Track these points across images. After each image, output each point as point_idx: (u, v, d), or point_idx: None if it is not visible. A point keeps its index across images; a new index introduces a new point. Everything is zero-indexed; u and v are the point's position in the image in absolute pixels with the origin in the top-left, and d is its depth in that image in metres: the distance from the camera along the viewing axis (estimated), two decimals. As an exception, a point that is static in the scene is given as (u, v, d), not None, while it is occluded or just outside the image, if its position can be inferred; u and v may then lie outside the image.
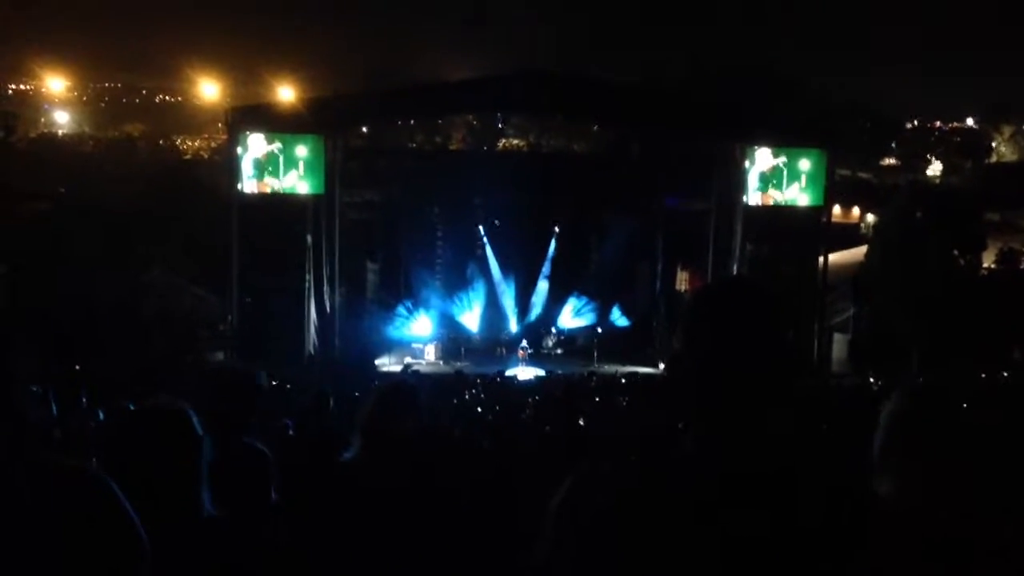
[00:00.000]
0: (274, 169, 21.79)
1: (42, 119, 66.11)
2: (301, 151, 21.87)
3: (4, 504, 1.43)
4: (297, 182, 21.94)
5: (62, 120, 65.72)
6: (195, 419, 2.44)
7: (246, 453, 3.36)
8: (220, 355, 22.63)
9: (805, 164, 22.83)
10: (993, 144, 69.86)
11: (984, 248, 25.45)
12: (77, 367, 16.62)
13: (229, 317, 22.23)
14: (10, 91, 70.63)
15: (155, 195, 25.45)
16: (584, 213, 26.92)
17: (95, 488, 1.55)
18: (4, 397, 1.51)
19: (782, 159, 22.77)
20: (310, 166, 21.90)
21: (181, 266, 24.56)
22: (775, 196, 22.87)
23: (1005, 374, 18.56)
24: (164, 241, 24.06)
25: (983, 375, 17.94)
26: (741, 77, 45.89)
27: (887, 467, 1.75)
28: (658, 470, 1.49)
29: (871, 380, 18.56)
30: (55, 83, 66.24)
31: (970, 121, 76.66)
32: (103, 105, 74.85)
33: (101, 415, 7.86)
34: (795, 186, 22.84)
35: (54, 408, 6.43)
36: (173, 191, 26.12)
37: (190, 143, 61.82)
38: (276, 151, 21.79)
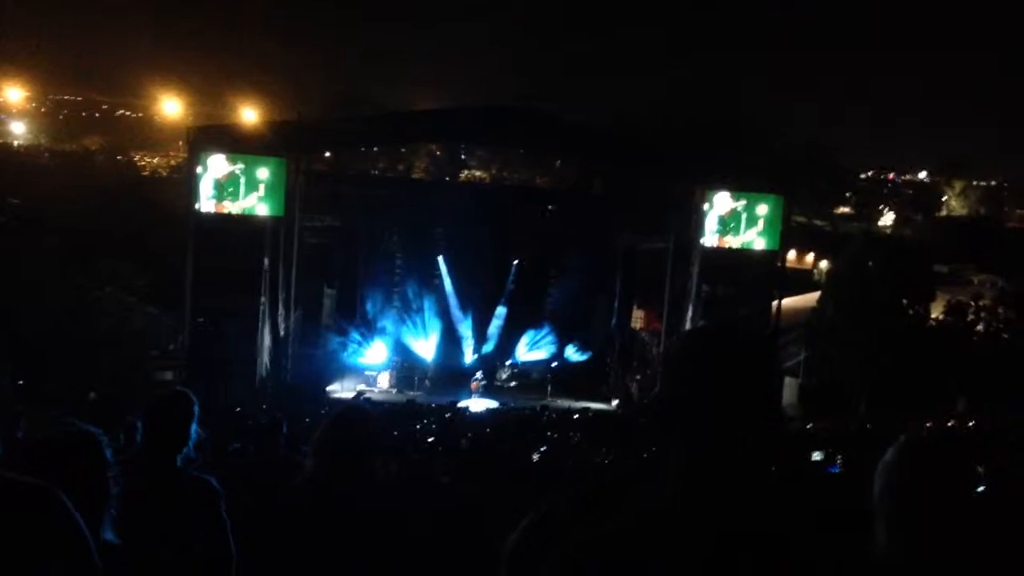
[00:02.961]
0: (234, 190, 21.59)
1: (-3, 129, 65.06)
2: (262, 173, 21.71)
3: None
4: (257, 204, 21.75)
5: (18, 131, 64.68)
6: (104, 445, 2.37)
7: (188, 484, 3.25)
8: (169, 375, 22.26)
9: (763, 209, 23.17)
10: (944, 198, 71.63)
11: (933, 299, 25.99)
12: (20, 383, 16.27)
13: (181, 337, 21.89)
14: (-36, 100, 69.44)
15: (111, 211, 25.11)
16: (544, 248, 27.00)
17: (51, 505, 1.53)
18: None
19: (741, 203, 23.09)
20: (271, 189, 21.73)
21: (135, 284, 24.20)
22: (732, 240, 23.17)
23: (950, 424, 18.86)
24: (118, 258, 23.71)
25: (928, 425, 18.23)
26: (703, 123, 46.60)
27: (882, 515, 1.75)
28: (638, 523, 1.45)
29: (809, 427, 18.73)
30: (12, 93, 65.19)
31: (923, 174, 78.54)
32: (61, 118, 73.85)
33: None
34: (752, 230, 23.16)
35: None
36: (130, 208, 25.79)
37: (149, 160, 61.12)
38: (237, 172, 21.60)
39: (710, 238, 23.17)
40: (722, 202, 23.10)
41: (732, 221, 23.12)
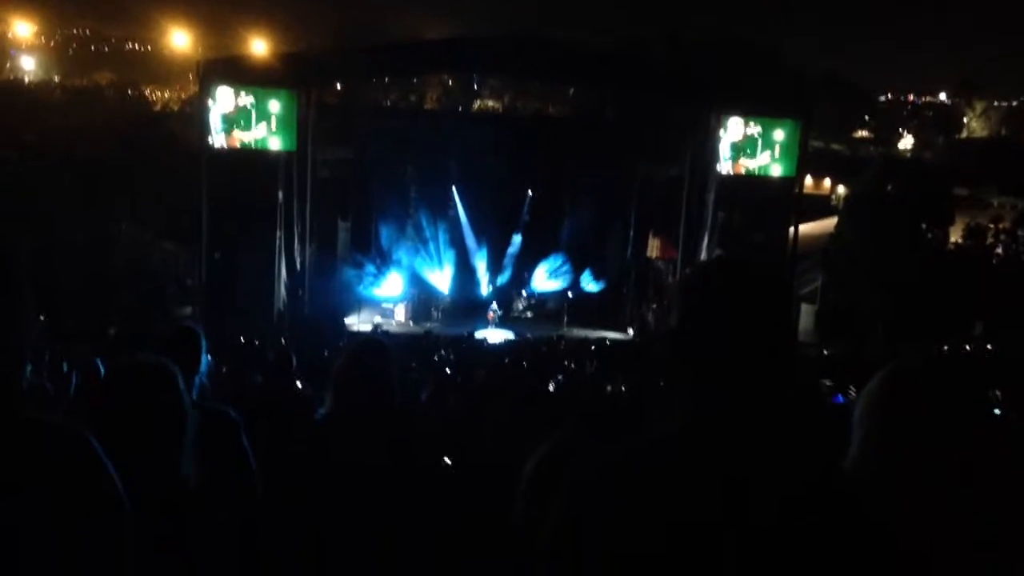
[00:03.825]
0: (246, 123, 21.47)
1: (8, 64, 64.66)
2: (273, 106, 21.55)
3: None
4: (269, 137, 21.65)
5: (28, 66, 64.31)
6: (179, 376, 2.33)
7: (205, 415, 3.26)
8: (188, 310, 22.47)
9: (779, 134, 22.85)
10: (965, 119, 70.48)
11: (952, 223, 25.77)
12: (41, 318, 16.42)
13: (198, 272, 22.02)
14: (-26, 35, 68.89)
15: (124, 147, 25.04)
16: (558, 177, 26.82)
17: (77, 447, 1.54)
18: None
19: (756, 128, 22.77)
20: (282, 122, 21.59)
21: (150, 220, 24.26)
22: (747, 165, 22.91)
23: (967, 347, 18.87)
24: (133, 194, 23.75)
25: (945, 348, 18.24)
26: (718, 47, 45.76)
27: (858, 439, 1.77)
28: (644, 449, 1.47)
29: (824, 352, 18.80)
30: (22, 27, 64.66)
31: (943, 95, 77.16)
32: (71, 52, 73.31)
33: (65, 368, 7.80)
34: (768, 156, 22.89)
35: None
36: (142, 143, 25.71)
37: (160, 94, 60.72)
38: (248, 105, 21.47)
39: (725, 164, 22.93)
40: (737, 127, 22.78)
41: (748, 147, 22.83)
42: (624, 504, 1.39)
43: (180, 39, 55.58)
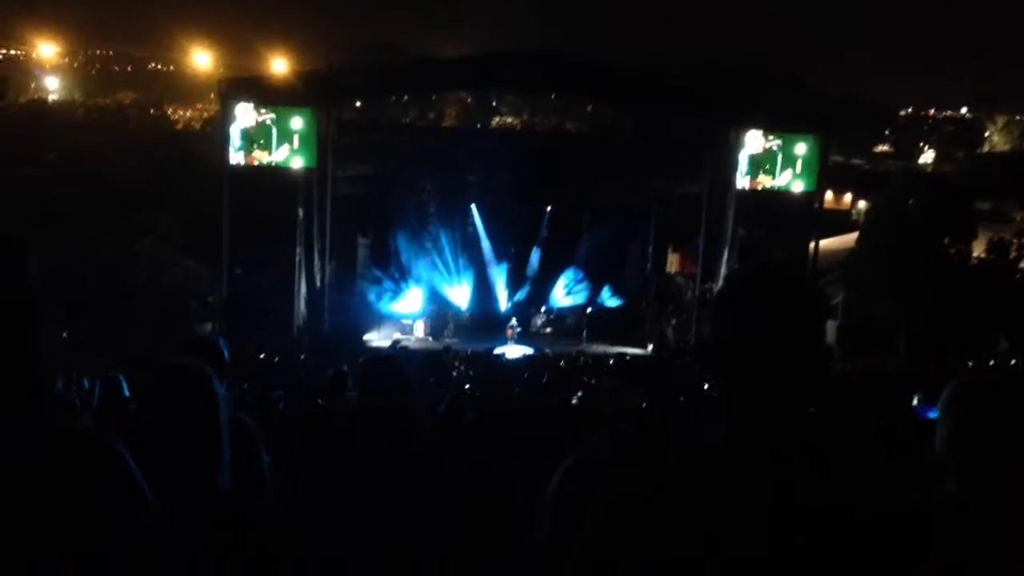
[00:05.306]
0: (266, 142, 21.64)
1: (32, 84, 65.50)
2: (295, 124, 21.71)
3: (14, 467, 1.45)
4: (290, 155, 21.80)
5: (53, 86, 65.15)
6: (213, 376, 2.29)
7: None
8: (208, 327, 22.59)
9: (800, 149, 22.78)
10: (986, 133, 70.04)
11: (974, 237, 25.51)
12: (64, 335, 16.57)
13: (219, 289, 22.15)
14: (0, 56, 69.89)
15: (146, 165, 25.30)
16: (577, 193, 26.80)
17: (107, 453, 1.55)
18: (28, 364, 1.51)
19: (776, 143, 22.71)
20: (303, 139, 21.75)
21: (172, 237, 24.44)
22: (766, 181, 22.83)
23: (992, 363, 18.66)
24: (155, 211, 23.95)
25: (970, 364, 18.04)
26: (738, 63, 45.74)
27: (955, 463, 1.72)
28: (687, 467, 1.42)
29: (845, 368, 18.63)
30: (46, 48, 65.54)
31: (964, 110, 76.76)
32: (94, 72, 74.22)
33: (86, 383, 7.85)
34: (789, 171, 22.81)
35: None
36: (165, 161, 25.97)
37: (182, 113, 61.33)
38: (268, 123, 21.64)
39: (744, 180, 22.86)
40: (756, 141, 22.73)
41: (767, 162, 22.77)
42: (660, 526, 1.34)
43: (202, 58, 56.18)
